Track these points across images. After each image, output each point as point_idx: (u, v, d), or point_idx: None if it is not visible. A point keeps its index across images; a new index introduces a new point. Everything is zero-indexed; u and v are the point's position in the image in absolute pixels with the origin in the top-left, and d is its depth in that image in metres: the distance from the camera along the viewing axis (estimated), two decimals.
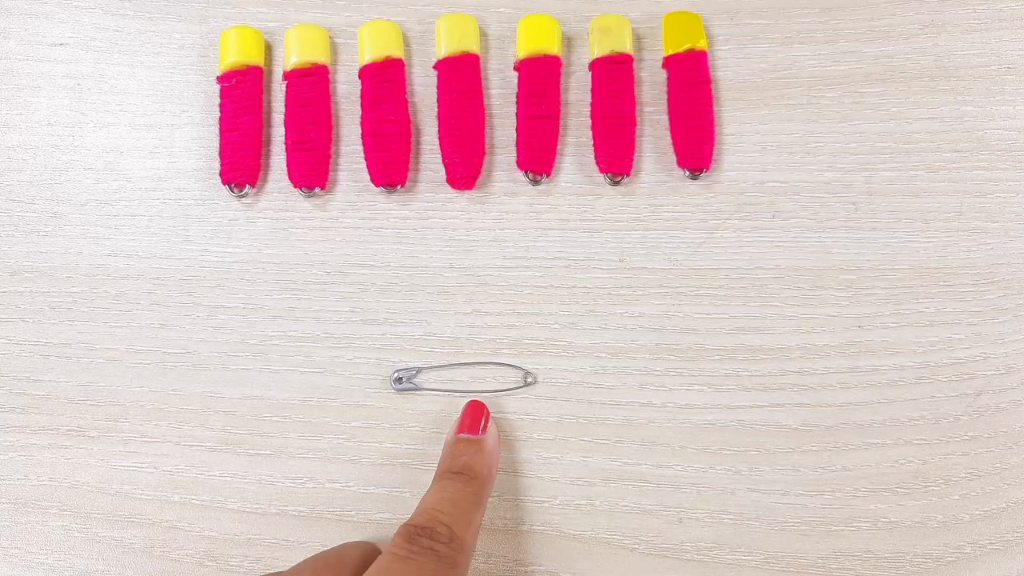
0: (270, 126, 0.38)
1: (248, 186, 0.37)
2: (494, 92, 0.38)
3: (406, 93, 0.38)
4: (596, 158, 0.37)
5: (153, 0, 0.39)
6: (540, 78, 0.37)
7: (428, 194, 0.37)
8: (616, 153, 0.37)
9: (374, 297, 0.36)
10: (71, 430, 0.35)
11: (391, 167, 0.37)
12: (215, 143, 0.37)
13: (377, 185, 0.37)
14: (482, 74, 0.38)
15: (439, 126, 0.37)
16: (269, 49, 0.39)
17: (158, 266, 0.37)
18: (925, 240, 0.36)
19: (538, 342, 0.36)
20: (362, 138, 0.37)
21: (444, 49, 0.37)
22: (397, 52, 0.38)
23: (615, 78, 0.37)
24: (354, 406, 0.35)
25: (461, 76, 0.37)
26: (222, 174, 0.37)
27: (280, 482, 0.34)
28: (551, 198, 0.37)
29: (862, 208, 0.37)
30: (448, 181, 0.37)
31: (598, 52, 0.37)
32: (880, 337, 0.36)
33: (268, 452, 0.35)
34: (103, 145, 0.38)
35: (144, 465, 0.35)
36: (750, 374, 0.35)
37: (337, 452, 0.35)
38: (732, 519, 0.34)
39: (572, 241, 0.37)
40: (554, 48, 0.37)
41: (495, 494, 0.34)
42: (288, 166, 0.37)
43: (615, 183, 0.37)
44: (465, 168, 0.37)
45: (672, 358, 0.35)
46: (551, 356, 0.36)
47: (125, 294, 0.36)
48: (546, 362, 0.35)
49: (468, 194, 0.37)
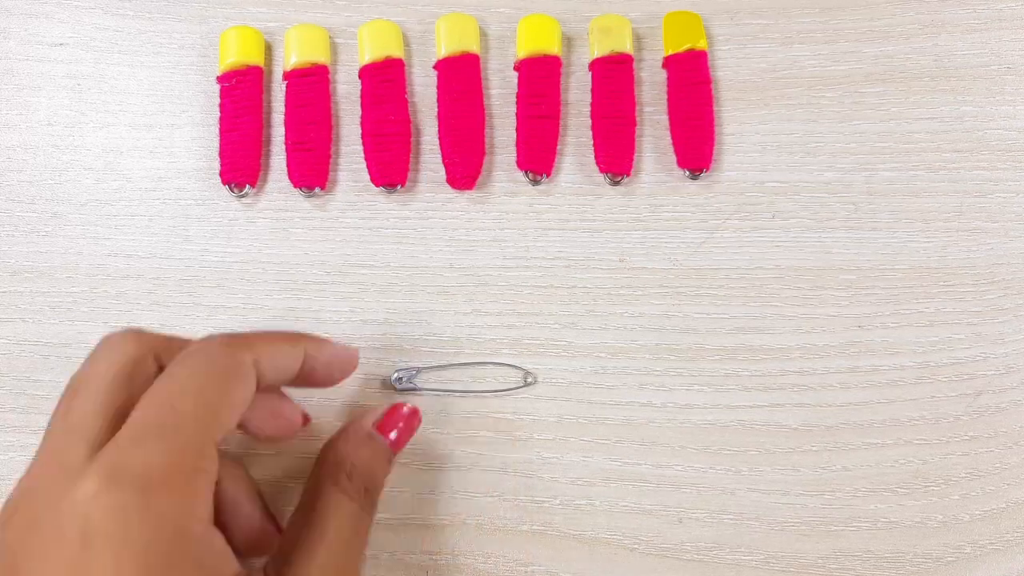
0: (270, 126, 0.38)
1: (248, 186, 0.37)
2: (494, 92, 0.38)
3: (406, 93, 0.38)
4: (596, 158, 0.37)
5: (153, 0, 0.39)
6: (540, 78, 0.37)
7: (428, 194, 0.37)
8: (616, 153, 0.37)
9: (374, 297, 0.36)
10: None
11: (391, 167, 0.37)
12: (215, 143, 0.37)
13: (377, 185, 0.37)
14: (482, 74, 0.38)
15: (439, 126, 0.37)
16: (269, 49, 0.39)
17: (158, 266, 0.37)
18: (925, 240, 0.36)
19: (538, 342, 0.36)
20: (362, 138, 0.37)
21: (444, 49, 0.37)
22: (397, 52, 0.38)
23: (615, 78, 0.37)
24: (354, 406, 0.35)
25: (461, 76, 0.37)
26: (222, 174, 0.37)
27: (281, 481, 0.34)
28: (551, 198, 0.37)
29: (862, 208, 0.37)
30: (448, 181, 0.37)
31: (598, 52, 0.37)
32: (880, 337, 0.36)
33: (268, 452, 0.35)
34: (103, 145, 0.38)
35: None
36: (750, 374, 0.35)
37: None
38: (732, 519, 0.34)
39: (572, 241, 0.37)
40: (554, 48, 0.37)
41: (495, 494, 0.34)
42: (288, 166, 0.37)
43: (615, 183, 0.37)
44: (465, 168, 0.37)
45: (672, 358, 0.35)
46: (551, 356, 0.36)
47: (125, 294, 0.36)
48: (546, 362, 0.35)
49: (468, 194, 0.37)
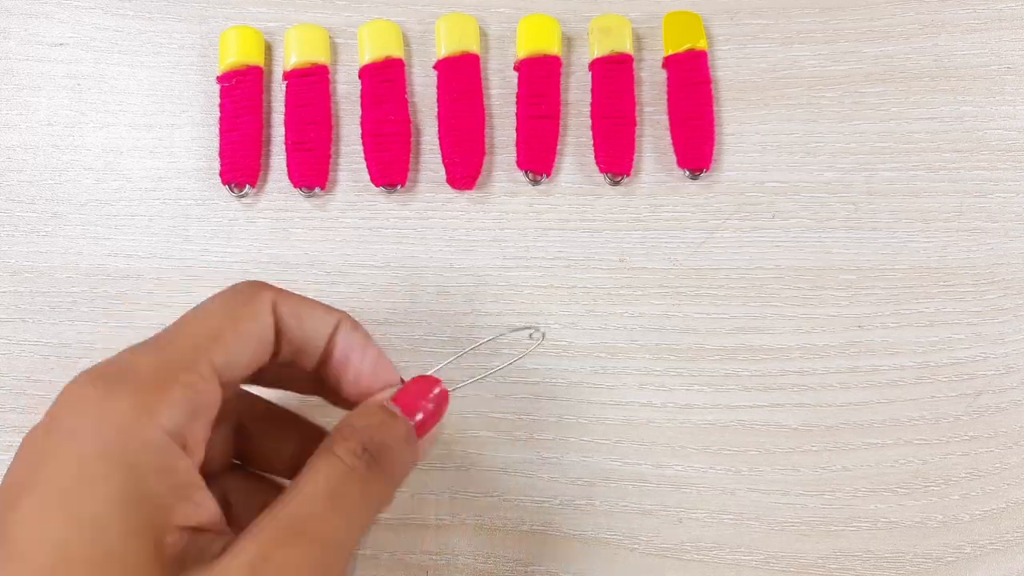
0: (270, 126, 0.38)
1: (248, 186, 0.37)
2: (494, 92, 0.38)
3: (406, 93, 0.38)
4: (596, 158, 0.37)
5: (153, 0, 0.39)
6: (540, 78, 0.37)
7: (428, 194, 0.37)
8: (616, 153, 0.37)
9: (374, 297, 0.36)
10: None
11: (391, 167, 0.37)
12: (215, 143, 0.37)
13: (377, 185, 0.37)
14: (482, 74, 0.38)
15: (439, 126, 0.37)
16: (269, 49, 0.39)
17: (158, 266, 0.37)
18: (925, 240, 0.36)
19: None
20: (362, 138, 0.37)
21: (444, 49, 0.37)
22: (397, 52, 0.38)
23: (615, 78, 0.37)
24: None
25: (461, 76, 0.37)
26: (222, 174, 0.37)
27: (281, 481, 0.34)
28: (551, 198, 0.37)
29: (862, 208, 0.37)
30: (448, 181, 0.37)
31: (598, 52, 0.37)
32: (880, 337, 0.35)
33: None
34: (103, 145, 0.38)
35: None
36: (750, 374, 0.35)
37: None
38: (732, 519, 0.34)
39: (572, 241, 0.37)
40: (554, 48, 0.37)
41: (495, 493, 0.34)
42: (288, 166, 0.37)
43: (615, 183, 0.37)
44: (465, 168, 0.37)
45: (672, 358, 0.35)
46: (551, 356, 0.36)
47: (125, 294, 0.36)
48: (546, 362, 0.35)
49: (468, 194, 0.37)
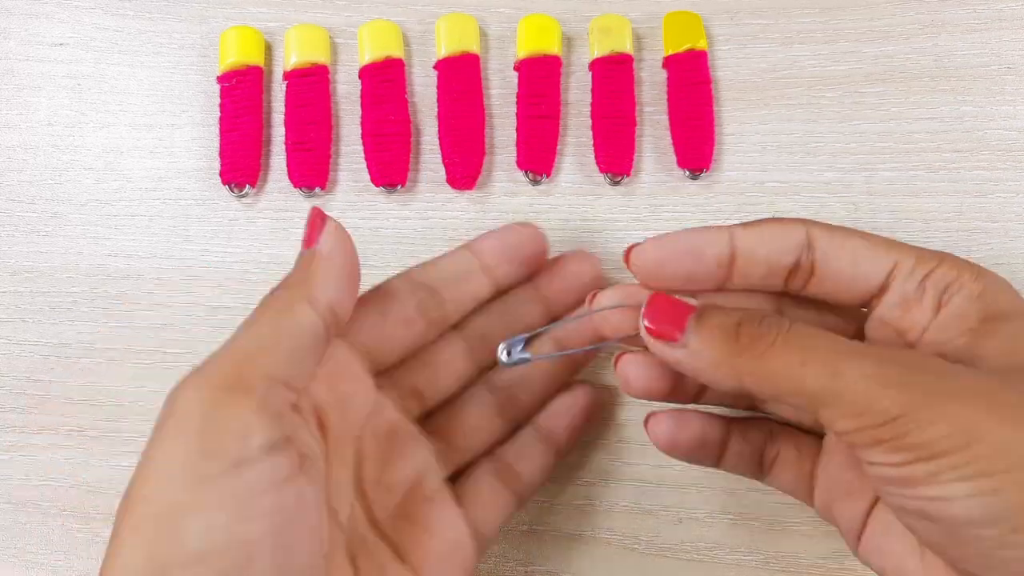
0: (270, 126, 0.38)
1: (248, 186, 0.37)
2: (494, 92, 0.38)
3: (406, 93, 0.38)
4: (596, 158, 0.37)
5: (153, 0, 0.39)
6: (540, 78, 0.37)
7: (428, 194, 0.37)
8: (616, 153, 0.37)
9: None
10: (71, 430, 0.35)
11: (391, 167, 0.37)
12: (215, 143, 0.37)
13: (377, 185, 0.37)
14: (482, 74, 0.38)
15: (439, 126, 0.37)
16: (269, 49, 0.39)
17: (158, 266, 0.37)
18: (925, 240, 0.36)
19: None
20: (362, 138, 0.37)
21: (444, 49, 0.37)
22: (397, 52, 0.38)
23: (615, 78, 0.37)
24: None
25: (461, 76, 0.37)
26: (222, 174, 0.37)
27: None
28: (551, 198, 0.37)
29: (862, 208, 0.37)
30: (448, 181, 0.37)
31: (598, 52, 0.37)
32: None
33: None
34: (103, 145, 0.38)
35: None
36: None
37: None
38: (732, 519, 0.34)
39: (572, 241, 0.36)
40: (554, 48, 0.37)
41: None
42: (288, 166, 0.37)
43: (615, 183, 0.37)
44: (465, 168, 0.37)
45: None
46: None
47: (125, 294, 0.36)
48: None
49: (468, 194, 0.37)
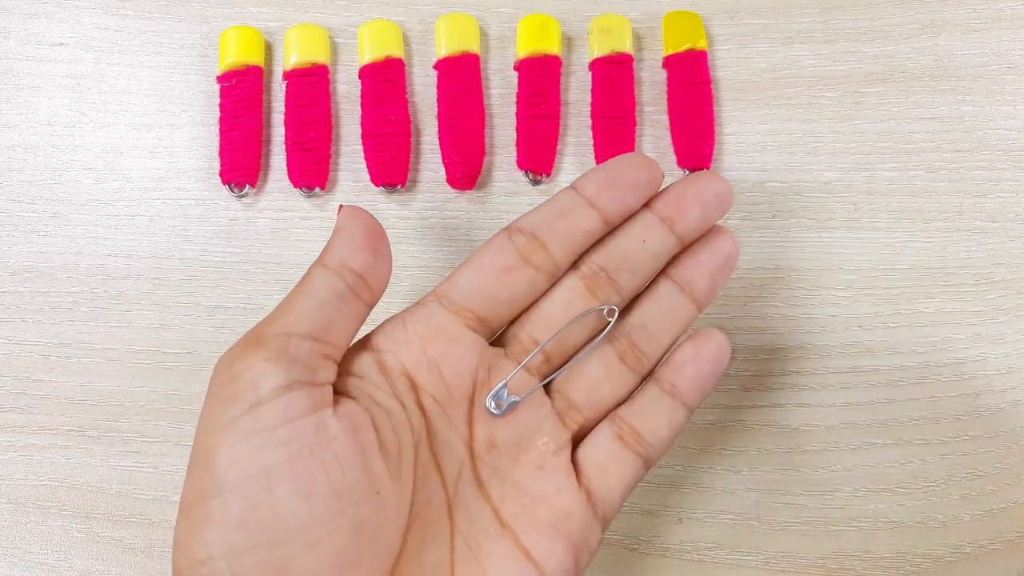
0: (270, 126, 0.38)
1: (248, 186, 0.37)
2: (494, 92, 0.38)
3: (406, 93, 0.38)
4: (596, 158, 0.37)
5: (153, 0, 0.39)
6: (540, 78, 0.37)
7: (428, 194, 0.37)
8: (617, 153, 0.37)
9: None
10: (71, 430, 0.35)
11: (391, 167, 0.37)
12: (215, 143, 0.37)
13: (377, 185, 0.37)
14: (482, 74, 0.38)
15: (439, 126, 0.37)
16: (269, 49, 0.39)
17: (158, 266, 0.37)
18: (925, 240, 0.36)
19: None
20: (362, 138, 0.37)
21: (444, 49, 0.37)
22: (397, 52, 0.38)
23: (615, 78, 0.37)
24: None
25: (461, 76, 0.37)
26: (222, 174, 0.37)
27: None
28: None
29: (862, 208, 0.37)
30: (448, 181, 0.37)
31: (598, 52, 0.37)
32: (880, 337, 0.35)
33: None
34: (103, 145, 0.38)
35: (144, 465, 0.35)
36: (750, 374, 0.35)
37: None
38: (732, 519, 0.34)
39: None
40: (554, 48, 0.37)
41: None
42: (288, 166, 0.37)
43: None
44: (465, 168, 0.37)
45: None
46: None
47: (125, 294, 0.36)
48: None
49: (468, 194, 0.37)
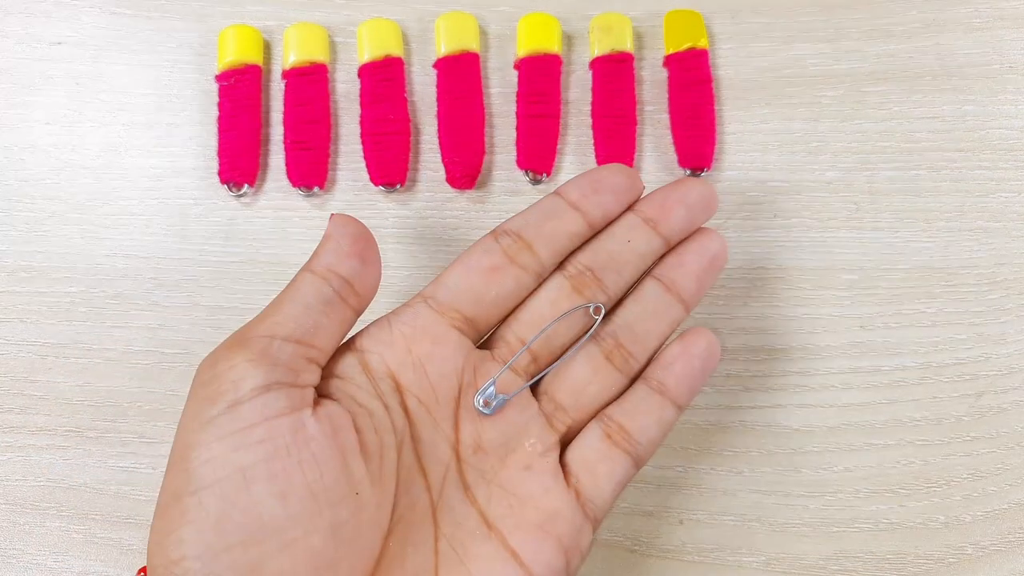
0: (269, 125, 0.38)
1: (247, 185, 0.37)
2: (494, 91, 0.38)
3: (405, 92, 0.38)
4: (597, 157, 0.37)
5: None
6: (540, 77, 0.37)
7: (428, 194, 0.37)
8: (617, 152, 0.37)
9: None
10: (69, 431, 0.35)
11: (390, 166, 0.36)
12: (213, 142, 0.37)
13: (376, 184, 0.37)
14: (482, 73, 0.38)
15: (439, 125, 0.37)
16: (268, 48, 0.39)
17: (156, 266, 0.36)
18: (927, 240, 0.36)
19: None
20: (361, 137, 0.37)
21: (444, 48, 0.37)
22: (396, 51, 0.37)
23: (616, 77, 0.37)
24: None
25: (461, 75, 0.37)
26: (220, 173, 0.36)
27: None
28: None
29: (864, 208, 0.37)
30: (448, 180, 0.37)
31: (598, 51, 0.37)
32: (882, 337, 0.35)
33: None
34: (101, 144, 0.38)
35: (142, 466, 0.35)
36: (751, 374, 0.35)
37: None
38: (733, 520, 0.34)
39: None
40: (554, 47, 0.37)
41: None
42: (287, 165, 0.37)
43: None
44: (465, 167, 0.36)
45: None
46: None
47: (123, 294, 0.36)
48: None
49: (468, 194, 0.37)
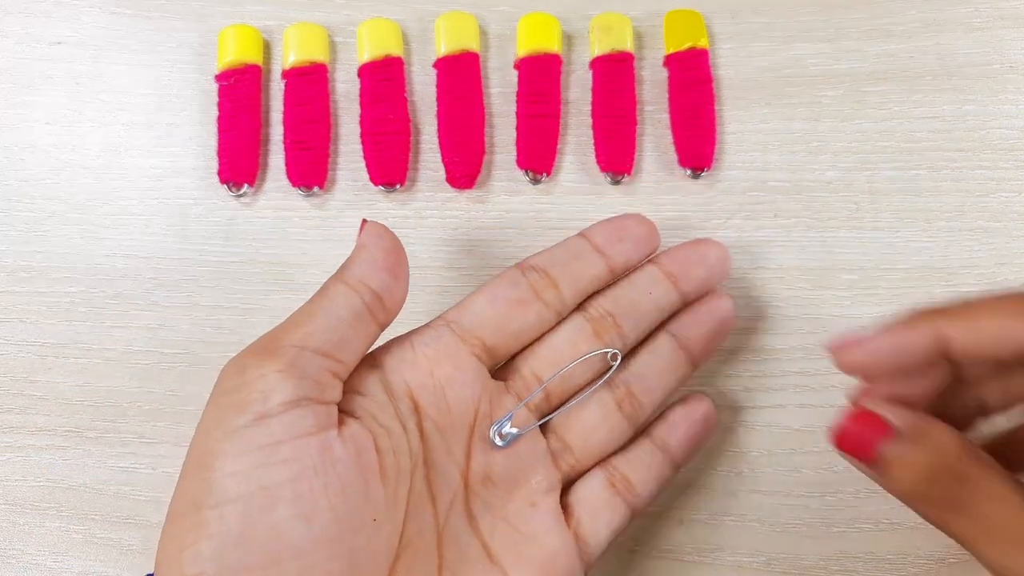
0: (268, 125, 0.38)
1: (246, 185, 0.37)
2: (494, 91, 0.38)
3: (405, 92, 0.38)
4: (597, 157, 0.37)
5: None
6: (540, 76, 0.37)
7: (428, 193, 0.37)
8: (617, 152, 0.37)
9: None
10: (69, 431, 0.35)
11: (390, 166, 0.36)
12: (213, 142, 0.37)
13: (376, 184, 0.37)
14: (482, 72, 0.38)
15: (439, 125, 0.37)
16: (268, 48, 0.38)
17: (156, 266, 0.36)
18: (928, 240, 0.36)
19: None
20: (361, 137, 0.37)
21: (444, 47, 0.37)
22: (396, 50, 0.37)
23: (616, 77, 0.37)
24: None
25: (461, 75, 0.37)
26: (220, 173, 0.36)
27: None
28: (551, 197, 0.37)
29: (864, 207, 0.37)
30: (448, 180, 0.37)
31: (599, 50, 0.37)
32: None
33: None
34: (101, 144, 0.38)
35: (142, 466, 0.35)
36: (751, 375, 0.35)
37: None
38: (734, 521, 0.34)
39: None
40: (554, 46, 0.37)
41: None
42: (287, 165, 0.37)
43: (616, 182, 0.37)
44: (465, 167, 0.36)
45: None
46: None
47: (123, 294, 0.36)
48: None
49: (468, 193, 0.37)
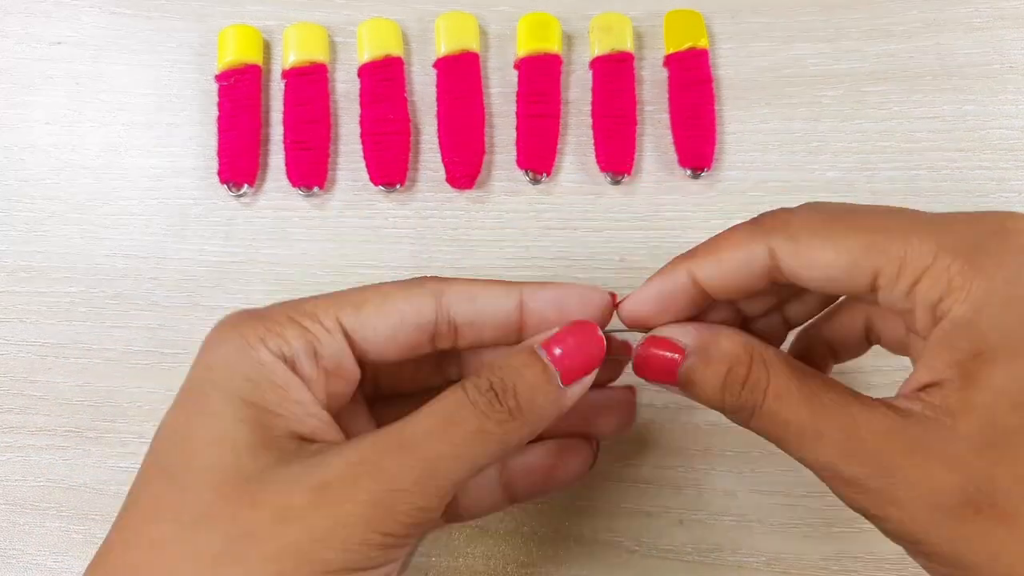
0: (268, 125, 0.38)
1: (246, 185, 0.37)
2: (494, 91, 0.38)
3: (405, 92, 0.38)
4: (597, 157, 0.37)
5: None
6: (540, 76, 0.37)
7: (428, 193, 0.37)
8: (617, 152, 0.37)
9: None
10: (69, 431, 0.35)
11: (390, 166, 0.36)
12: (213, 142, 0.37)
13: (376, 184, 0.37)
14: (482, 73, 0.38)
15: (439, 125, 0.37)
16: (268, 48, 0.38)
17: (156, 266, 0.36)
18: None
19: None
20: (361, 137, 0.37)
21: (444, 47, 0.37)
22: (396, 50, 0.37)
23: (616, 77, 0.37)
24: None
25: (461, 75, 0.37)
26: (220, 173, 0.36)
27: None
28: (551, 197, 0.37)
29: None
30: (448, 180, 0.37)
31: (599, 50, 0.37)
32: None
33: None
34: (101, 144, 0.38)
35: None
36: None
37: None
38: (734, 521, 0.34)
39: (573, 241, 0.36)
40: (554, 46, 0.37)
41: None
42: (287, 165, 0.37)
43: (616, 182, 0.37)
44: (465, 167, 0.36)
45: None
46: None
47: (123, 294, 0.36)
48: None
49: (468, 193, 0.37)
